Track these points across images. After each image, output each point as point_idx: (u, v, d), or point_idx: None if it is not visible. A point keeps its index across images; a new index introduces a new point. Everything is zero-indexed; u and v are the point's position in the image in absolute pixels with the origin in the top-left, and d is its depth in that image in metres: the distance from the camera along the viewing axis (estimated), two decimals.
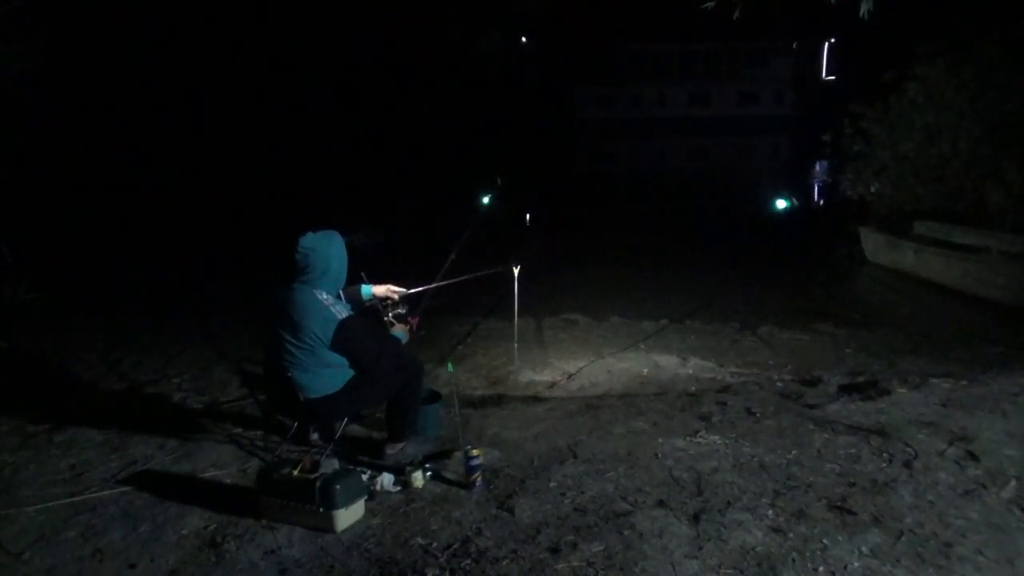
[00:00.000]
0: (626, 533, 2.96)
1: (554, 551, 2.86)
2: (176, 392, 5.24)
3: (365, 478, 3.40)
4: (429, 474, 3.54)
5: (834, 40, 39.58)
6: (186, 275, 9.70)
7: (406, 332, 4.12)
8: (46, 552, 3.10)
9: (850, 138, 10.49)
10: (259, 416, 4.54)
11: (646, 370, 5.67)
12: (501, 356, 6.04)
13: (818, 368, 5.54)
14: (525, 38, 41.55)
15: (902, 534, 2.89)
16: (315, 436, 4.03)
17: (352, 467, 3.41)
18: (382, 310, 4.12)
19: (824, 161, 14.96)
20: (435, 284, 4.57)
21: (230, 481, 3.68)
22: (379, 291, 4.14)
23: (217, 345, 6.35)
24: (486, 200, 5.76)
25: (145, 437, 4.23)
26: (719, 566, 2.73)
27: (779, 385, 4.98)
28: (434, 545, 2.96)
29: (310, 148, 22.57)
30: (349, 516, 3.14)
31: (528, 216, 9.86)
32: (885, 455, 3.56)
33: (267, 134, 22.21)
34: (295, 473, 3.20)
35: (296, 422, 3.95)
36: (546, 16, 38.34)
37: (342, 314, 3.49)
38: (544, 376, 5.59)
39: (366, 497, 3.27)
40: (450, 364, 4.42)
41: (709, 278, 9.32)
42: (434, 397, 4.25)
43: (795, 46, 39.23)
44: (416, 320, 4.26)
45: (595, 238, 12.37)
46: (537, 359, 6.03)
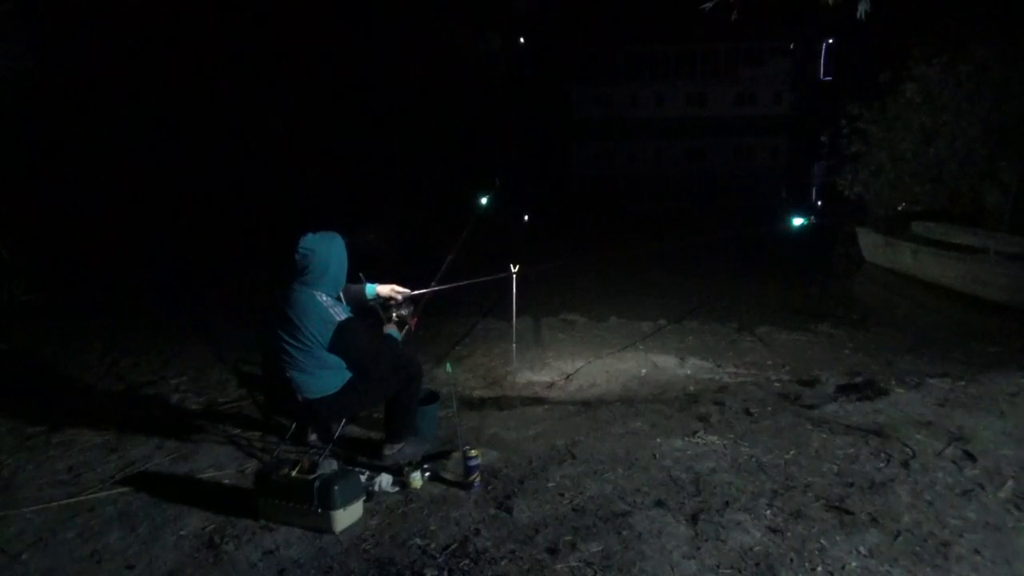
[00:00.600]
0: (624, 533, 2.96)
1: (552, 551, 2.87)
2: (174, 393, 5.24)
3: (363, 479, 3.41)
4: (427, 474, 3.53)
5: (832, 40, 39.68)
6: (185, 275, 9.70)
7: (401, 332, 4.11)
8: (44, 553, 3.09)
9: (847, 138, 10.52)
10: (257, 417, 4.55)
11: (644, 370, 5.67)
12: (499, 356, 6.04)
13: (816, 368, 5.55)
14: (523, 39, 41.56)
15: (900, 534, 2.90)
16: (313, 437, 4.03)
17: (350, 468, 3.41)
18: (384, 310, 4.11)
19: (823, 162, 14.91)
20: (440, 287, 4.55)
21: (228, 482, 3.68)
22: (383, 291, 4.14)
23: (215, 346, 6.36)
24: (484, 201, 5.75)
25: (143, 438, 4.23)
26: (717, 566, 2.73)
27: (777, 385, 4.98)
28: (432, 545, 2.97)
29: (310, 148, 22.58)
30: (347, 517, 3.14)
31: (526, 216, 9.87)
32: (883, 455, 3.57)
33: (267, 134, 22.22)
34: (293, 474, 3.20)
35: (294, 423, 3.94)
36: (544, 17, 38.39)
37: (341, 316, 3.49)
38: (542, 376, 5.59)
39: (364, 498, 3.27)
40: (448, 364, 4.42)
41: (708, 278, 9.32)
42: (432, 398, 4.24)
43: (792, 47, 39.32)
44: (416, 321, 4.26)
45: (594, 238, 12.38)
46: (535, 359, 6.04)
